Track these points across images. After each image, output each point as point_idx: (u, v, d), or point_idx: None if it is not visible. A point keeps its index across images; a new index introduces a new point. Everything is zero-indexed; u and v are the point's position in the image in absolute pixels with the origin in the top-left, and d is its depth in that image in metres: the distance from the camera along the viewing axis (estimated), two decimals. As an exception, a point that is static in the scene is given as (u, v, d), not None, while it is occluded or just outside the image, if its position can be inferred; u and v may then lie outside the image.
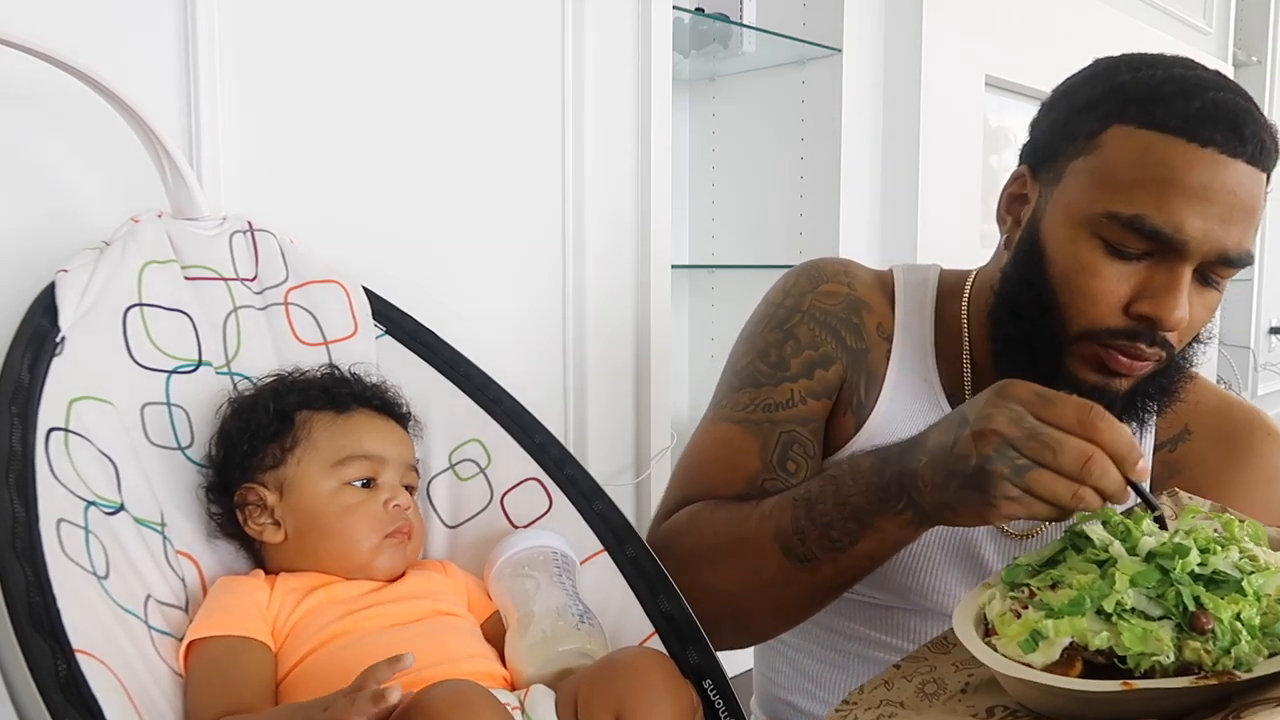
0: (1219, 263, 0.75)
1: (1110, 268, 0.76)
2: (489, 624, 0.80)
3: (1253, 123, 0.74)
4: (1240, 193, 0.74)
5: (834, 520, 0.76)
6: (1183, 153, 0.73)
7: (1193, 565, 0.55)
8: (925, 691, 0.62)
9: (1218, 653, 0.52)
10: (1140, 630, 0.53)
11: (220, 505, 0.79)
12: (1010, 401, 0.65)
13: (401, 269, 1.23)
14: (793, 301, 0.93)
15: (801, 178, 1.96)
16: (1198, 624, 0.53)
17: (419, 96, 1.25)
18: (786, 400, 0.89)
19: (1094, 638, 0.53)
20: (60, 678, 0.54)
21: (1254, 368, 3.63)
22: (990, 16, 2.14)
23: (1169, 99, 0.74)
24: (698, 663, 0.77)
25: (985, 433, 0.64)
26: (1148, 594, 0.54)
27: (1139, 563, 0.57)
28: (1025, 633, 0.55)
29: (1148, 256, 0.76)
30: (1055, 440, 0.62)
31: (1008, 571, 0.62)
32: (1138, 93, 0.76)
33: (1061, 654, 0.54)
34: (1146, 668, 0.52)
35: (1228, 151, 0.73)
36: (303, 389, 0.82)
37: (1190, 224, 0.73)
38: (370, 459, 0.79)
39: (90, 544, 0.65)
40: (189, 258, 0.86)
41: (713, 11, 1.82)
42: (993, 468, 0.63)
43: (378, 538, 0.77)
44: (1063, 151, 0.80)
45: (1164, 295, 0.75)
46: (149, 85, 0.99)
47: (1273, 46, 3.58)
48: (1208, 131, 0.73)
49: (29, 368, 0.70)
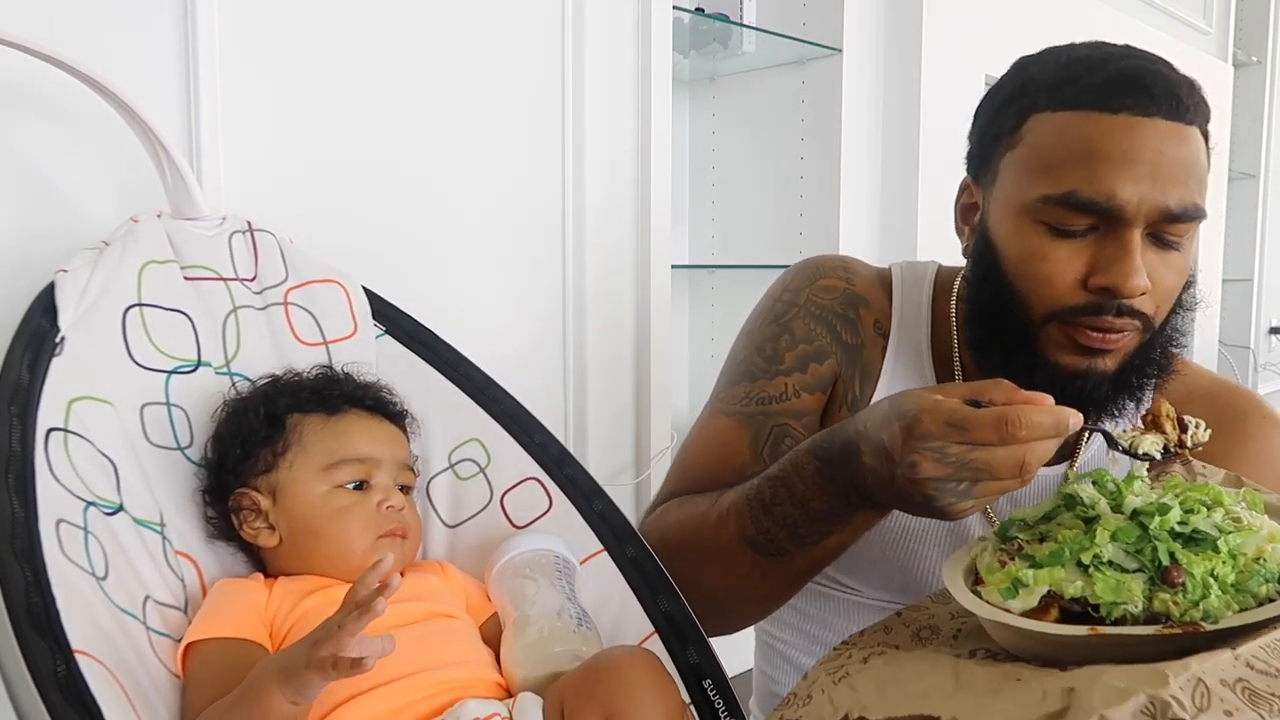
0: (1165, 221, 0.76)
1: (1058, 248, 0.77)
2: (487, 626, 0.80)
3: (1163, 81, 0.75)
4: (1166, 149, 0.74)
5: (799, 521, 0.76)
6: (1097, 123, 0.75)
7: (1172, 523, 0.58)
8: (920, 637, 0.65)
9: (1186, 605, 0.54)
10: (1114, 581, 0.56)
11: (216, 509, 0.79)
12: (925, 441, 0.64)
13: (401, 268, 1.23)
14: (790, 296, 0.94)
15: (801, 178, 1.95)
16: (1169, 577, 0.55)
17: (419, 96, 1.25)
18: (780, 394, 0.90)
19: (1069, 586, 0.56)
20: (59, 678, 0.54)
21: (1254, 368, 3.63)
22: (990, 16, 2.14)
23: (1075, 78, 0.77)
24: (697, 662, 0.76)
25: (917, 481, 0.65)
26: (1126, 549, 0.57)
27: (1122, 519, 0.59)
28: (1007, 580, 0.58)
29: (1094, 231, 0.76)
30: (985, 463, 0.63)
31: (1001, 526, 0.66)
32: (1046, 79, 0.79)
33: (1040, 601, 0.57)
34: (1117, 616, 0.55)
35: (1141, 113, 0.74)
36: (294, 391, 0.81)
37: (1121, 190, 0.74)
38: (362, 461, 0.79)
39: (89, 544, 0.64)
40: (188, 258, 0.86)
41: (713, 11, 1.82)
42: (940, 503, 0.65)
43: (371, 539, 0.77)
44: (994, 152, 0.82)
45: (1117, 263, 0.75)
46: (148, 85, 0.99)
47: (1273, 46, 3.58)
48: (1118, 98, 0.74)
49: (28, 368, 0.70)
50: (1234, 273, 3.52)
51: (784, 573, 0.79)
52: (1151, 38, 2.76)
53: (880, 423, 0.68)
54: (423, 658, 0.71)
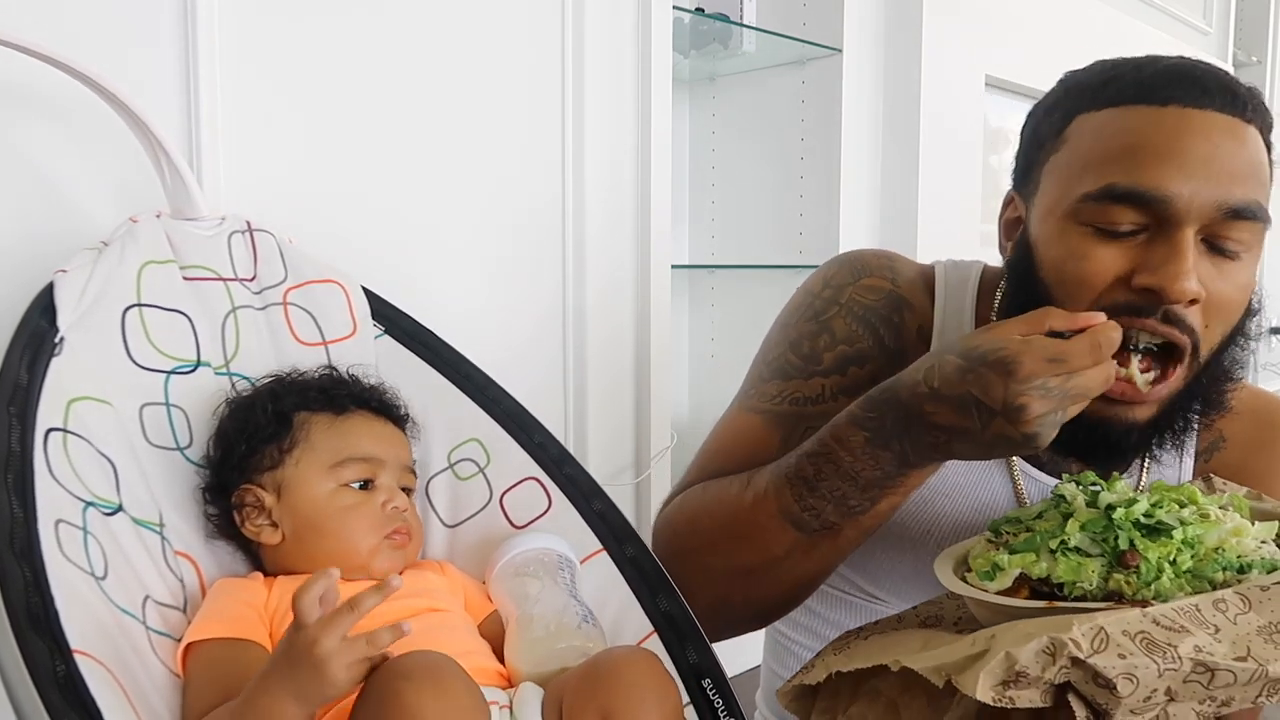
0: (1222, 218, 0.69)
1: (1101, 249, 0.71)
2: (486, 624, 0.80)
3: (1215, 77, 0.70)
4: (1222, 142, 0.68)
5: (849, 493, 0.74)
6: (1143, 115, 0.70)
7: (1137, 514, 0.63)
8: (926, 624, 0.71)
9: (1139, 585, 0.60)
10: (1075, 563, 0.62)
11: (218, 506, 0.79)
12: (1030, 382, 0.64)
13: (401, 268, 1.23)
14: (831, 293, 0.89)
15: (801, 178, 1.96)
16: (1124, 560, 0.61)
17: (419, 96, 1.25)
18: (816, 395, 0.86)
19: (1036, 568, 0.63)
20: (58, 678, 0.54)
21: (1254, 368, 3.63)
22: (990, 16, 2.14)
23: (1121, 75, 0.72)
24: (696, 662, 0.76)
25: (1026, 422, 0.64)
26: (1093, 536, 0.63)
27: (1094, 512, 0.65)
28: (987, 565, 0.65)
29: (1143, 231, 0.70)
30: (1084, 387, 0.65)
31: (993, 523, 0.71)
32: (1091, 81, 0.74)
33: (1013, 582, 0.64)
34: (1077, 595, 0.61)
35: (1193, 104, 0.69)
36: (301, 390, 0.82)
37: (1169, 180, 0.68)
38: (368, 461, 0.79)
39: (89, 545, 0.64)
40: (188, 258, 0.86)
41: (713, 11, 1.82)
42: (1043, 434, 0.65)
43: (376, 539, 0.77)
44: (1036, 160, 0.78)
45: (1165, 264, 0.69)
46: (148, 86, 0.99)
47: (1273, 46, 3.58)
48: (1165, 90, 0.69)
49: (27, 368, 0.70)
50: (1234, 272, 3.51)
51: (830, 546, 0.76)
52: (1151, 38, 2.76)
53: (956, 378, 0.66)
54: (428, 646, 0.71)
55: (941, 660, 0.57)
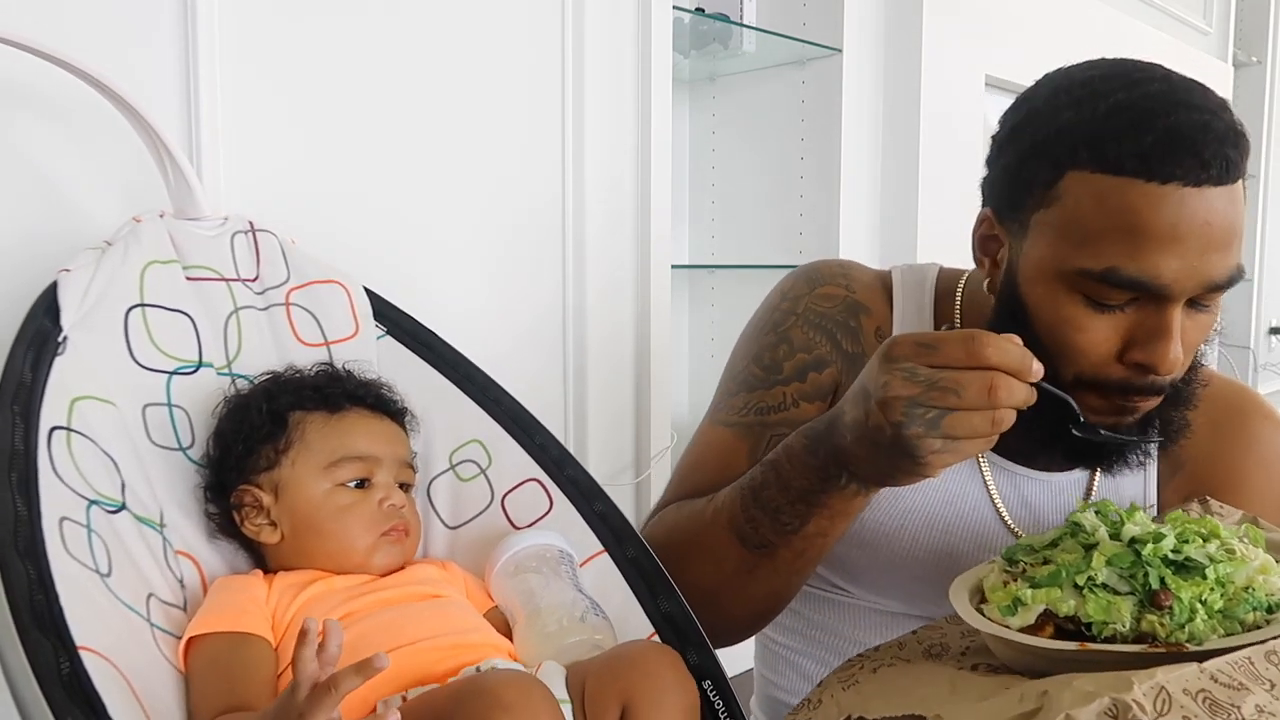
0: (1206, 293, 0.73)
1: (1095, 320, 0.73)
2: (488, 617, 0.80)
3: (1213, 140, 0.69)
4: (1214, 220, 0.69)
5: (781, 505, 0.76)
6: (1144, 194, 0.69)
7: (1165, 550, 0.61)
8: (931, 653, 0.68)
9: (1173, 627, 0.57)
10: (1104, 601, 0.59)
11: (217, 506, 0.79)
12: (898, 363, 0.66)
13: (402, 269, 1.24)
14: (789, 305, 0.92)
15: (801, 178, 1.96)
16: (1157, 600, 0.58)
17: (419, 96, 1.25)
18: (779, 404, 0.89)
19: (1063, 605, 0.60)
20: (63, 675, 0.54)
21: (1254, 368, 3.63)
22: (990, 16, 2.14)
23: (1119, 136, 0.70)
24: (698, 663, 0.77)
25: (887, 401, 0.66)
26: (1120, 573, 0.60)
27: (1119, 546, 0.62)
28: (1008, 599, 0.62)
29: (1133, 303, 0.72)
30: (953, 382, 0.64)
31: (1008, 550, 0.68)
32: (1085, 133, 0.72)
33: (1036, 619, 0.61)
34: (1107, 635, 0.58)
35: (1192, 182, 0.68)
36: (295, 389, 0.82)
37: (1167, 267, 0.69)
38: (364, 459, 0.79)
39: (93, 542, 0.65)
40: (191, 258, 0.86)
41: (713, 11, 1.82)
42: (908, 432, 0.65)
43: (373, 537, 0.78)
44: (1023, 203, 0.77)
45: (1155, 342, 0.72)
46: (150, 85, 1.00)
47: (1273, 46, 3.58)
48: (1167, 166, 0.68)
49: (31, 367, 0.70)
50: (1234, 273, 3.52)
51: (768, 568, 0.79)
52: (1151, 38, 2.76)
53: (862, 372, 0.70)
54: (437, 624, 0.72)
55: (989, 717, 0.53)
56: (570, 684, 0.69)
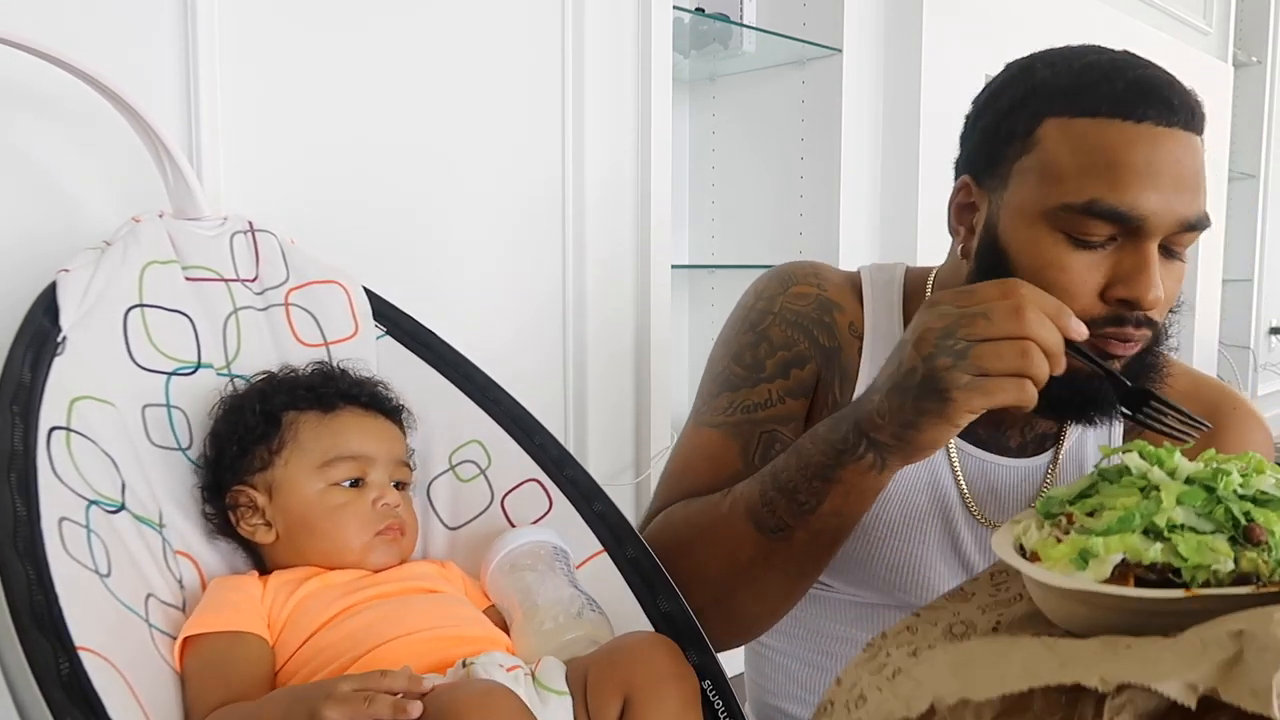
0: (1181, 231, 0.76)
1: (1077, 258, 0.76)
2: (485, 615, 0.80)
3: (1178, 90, 0.75)
4: (1185, 160, 0.74)
5: (799, 484, 0.77)
6: (1120, 131, 0.74)
7: (1236, 485, 0.56)
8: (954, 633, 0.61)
9: (1274, 563, 0.52)
10: (1196, 541, 0.53)
11: (213, 506, 0.80)
12: (936, 306, 0.69)
13: (402, 269, 1.24)
14: (764, 304, 0.94)
15: (801, 178, 1.96)
16: (1252, 535, 0.53)
17: (419, 97, 1.25)
18: (764, 401, 0.90)
19: (1147, 552, 0.53)
20: (62, 676, 0.54)
21: (1254, 368, 3.64)
22: (990, 16, 2.14)
23: (1093, 84, 0.75)
24: (697, 663, 0.76)
25: (920, 337, 0.68)
26: (1196, 511, 0.55)
27: (1182, 484, 0.57)
28: (1074, 552, 0.54)
29: (1112, 241, 0.75)
30: (984, 309, 0.66)
31: (1041, 504, 0.62)
32: (1061, 84, 0.77)
33: (1113, 572, 0.54)
34: (1203, 580, 0.52)
35: (1163, 122, 0.73)
36: (289, 389, 0.82)
37: (1145, 199, 0.73)
38: (357, 459, 0.79)
39: (92, 542, 0.65)
40: (190, 258, 0.86)
41: (713, 11, 1.82)
42: (938, 362, 0.67)
43: (367, 536, 0.78)
44: (1003, 156, 0.80)
45: (1137, 276, 0.75)
46: (150, 85, 1.00)
47: (1273, 46, 3.58)
48: (1140, 107, 0.73)
49: (30, 367, 0.70)
50: (1234, 273, 3.52)
51: (784, 553, 0.78)
52: (1151, 38, 2.76)
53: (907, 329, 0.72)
54: (434, 616, 0.73)
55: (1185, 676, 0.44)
56: (571, 678, 0.69)
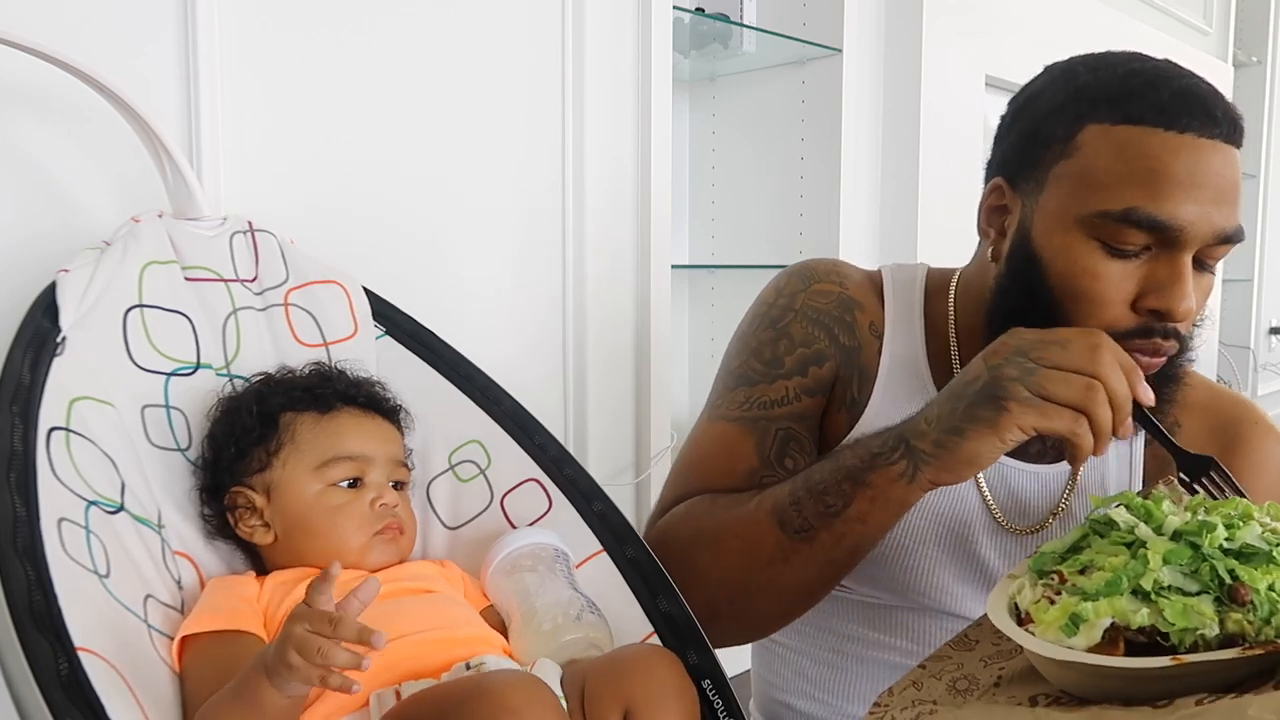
0: (1216, 244, 0.75)
1: (1111, 267, 0.75)
2: (484, 615, 0.80)
3: (1221, 103, 0.75)
4: (1225, 172, 0.74)
5: (828, 485, 0.77)
6: (1163, 141, 0.73)
7: (1221, 540, 0.55)
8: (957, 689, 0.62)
9: (1259, 623, 0.52)
10: (1181, 605, 0.52)
11: (211, 508, 0.80)
12: (1017, 330, 0.72)
13: (401, 269, 1.24)
14: (785, 301, 0.94)
15: (801, 178, 1.96)
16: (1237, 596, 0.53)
17: (419, 97, 1.25)
18: (782, 398, 0.90)
19: (1135, 616, 0.53)
20: (62, 676, 0.54)
21: (1254, 368, 3.63)
22: (990, 16, 2.14)
23: (1138, 92, 0.75)
24: (697, 663, 0.77)
25: (994, 349, 0.70)
26: (1182, 570, 0.54)
27: (1167, 541, 0.57)
28: (1064, 617, 0.55)
29: (1146, 251, 0.75)
30: (1062, 340, 0.68)
31: (1034, 560, 0.62)
32: (1104, 91, 0.76)
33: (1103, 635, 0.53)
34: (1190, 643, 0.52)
35: (1206, 134, 0.73)
36: (286, 390, 0.82)
37: (1184, 210, 0.73)
38: (355, 459, 0.79)
39: (91, 543, 0.65)
40: (189, 258, 0.86)
41: (713, 11, 1.82)
42: (1003, 371, 0.68)
43: (366, 536, 0.78)
44: (1040, 159, 0.79)
45: (1170, 287, 0.74)
46: (149, 85, 1.00)
47: (1273, 46, 3.58)
48: (1184, 118, 0.73)
49: (30, 367, 0.70)
50: (1234, 273, 3.52)
51: (805, 555, 0.78)
52: (1151, 38, 2.76)
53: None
54: (428, 618, 0.72)
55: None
56: (566, 682, 0.69)
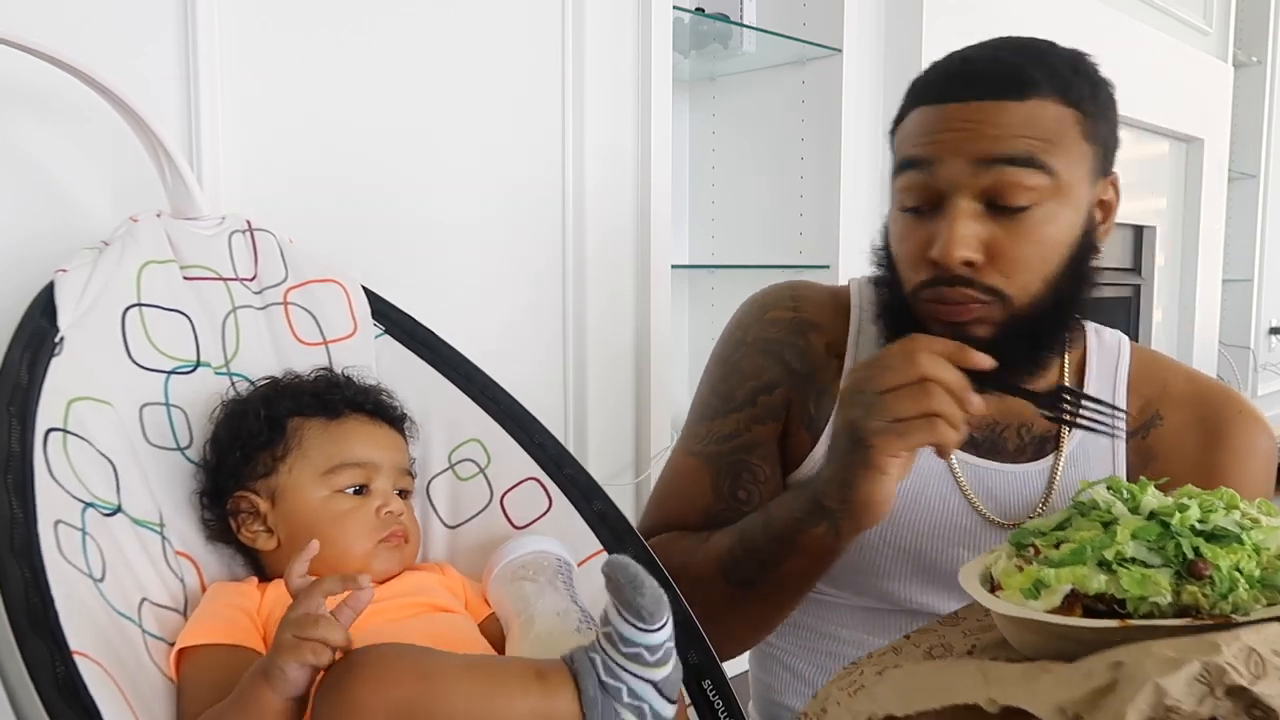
0: (993, 173, 0.75)
1: (910, 226, 0.80)
2: (484, 626, 0.80)
3: (991, 68, 0.79)
4: (984, 119, 0.76)
5: (760, 545, 0.81)
6: (930, 113, 0.80)
7: (1193, 520, 0.57)
8: (932, 655, 0.64)
9: (1215, 598, 0.54)
10: (1139, 575, 0.55)
11: (213, 512, 0.79)
12: (854, 370, 0.77)
13: (401, 268, 1.23)
14: (739, 334, 0.97)
15: (801, 178, 1.95)
16: (1196, 569, 0.55)
17: (419, 96, 1.25)
18: (733, 431, 0.92)
19: (1092, 583, 0.56)
20: (58, 679, 0.54)
21: (1254, 368, 3.64)
22: (990, 16, 2.14)
23: (922, 79, 0.83)
24: (698, 663, 0.76)
25: (841, 397, 0.75)
26: (1149, 546, 0.57)
27: (1140, 519, 0.59)
28: (1028, 582, 0.57)
29: (934, 209, 0.78)
30: (884, 362, 0.72)
31: (1015, 534, 0.64)
32: (914, 83, 0.84)
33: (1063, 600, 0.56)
34: (1145, 611, 0.54)
35: (961, 100, 0.77)
36: (294, 395, 0.81)
37: (933, 147, 0.77)
38: (362, 466, 0.79)
39: (87, 546, 0.64)
40: (188, 257, 0.85)
41: (713, 11, 1.82)
42: (853, 415, 0.73)
43: (371, 544, 0.77)
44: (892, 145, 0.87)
45: (941, 233, 0.77)
46: (148, 85, 0.99)
47: (1273, 46, 3.58)
48: (945, 92, 0.79)
49: (28, 368, 0.70)
50: (1234, 273, 3.52)
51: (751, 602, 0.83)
52: (1151, 38, 2.76)
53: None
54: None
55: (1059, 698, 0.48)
56: None
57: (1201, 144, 3.12)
